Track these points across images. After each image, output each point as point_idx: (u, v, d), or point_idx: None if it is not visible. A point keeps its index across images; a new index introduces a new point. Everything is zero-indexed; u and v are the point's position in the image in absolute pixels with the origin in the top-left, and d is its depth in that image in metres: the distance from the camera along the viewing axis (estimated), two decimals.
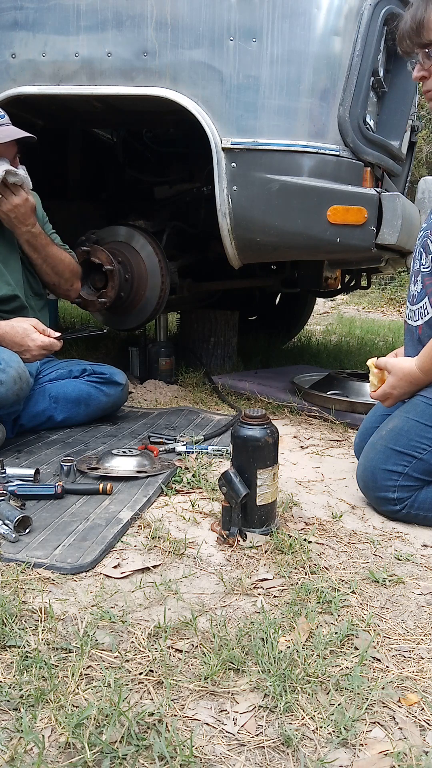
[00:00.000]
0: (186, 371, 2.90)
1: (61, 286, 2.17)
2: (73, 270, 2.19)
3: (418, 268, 1.58)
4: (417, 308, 1.58)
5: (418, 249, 1.58)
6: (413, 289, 1.62)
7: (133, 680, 0.89)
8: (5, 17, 2.20)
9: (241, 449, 1.31)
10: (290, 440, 2.05)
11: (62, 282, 2.16)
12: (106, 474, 1.61)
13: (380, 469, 1.48)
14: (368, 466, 1.52)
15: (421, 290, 1.56)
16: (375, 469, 1.49)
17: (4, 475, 1.53)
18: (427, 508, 1.46)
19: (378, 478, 1.49)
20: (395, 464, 1.46)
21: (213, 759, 0.77)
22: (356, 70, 2.00)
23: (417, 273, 1.58)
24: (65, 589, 1.11)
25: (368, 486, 1.52)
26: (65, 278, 2.15)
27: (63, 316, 4.86)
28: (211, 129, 2.08)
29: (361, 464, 1.55)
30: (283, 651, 0.95)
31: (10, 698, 0.84)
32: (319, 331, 5.29)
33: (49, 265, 2.09)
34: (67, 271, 2.15)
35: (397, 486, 1.47)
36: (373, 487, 1.50)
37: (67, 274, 2.16)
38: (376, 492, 1.50)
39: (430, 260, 1.53)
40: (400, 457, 1.46)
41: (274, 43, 1.98)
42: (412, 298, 1.61)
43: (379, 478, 1.48)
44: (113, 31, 2.10)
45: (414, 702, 0.88)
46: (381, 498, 1.49)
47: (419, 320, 1.57)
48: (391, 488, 1.47)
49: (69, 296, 2.26)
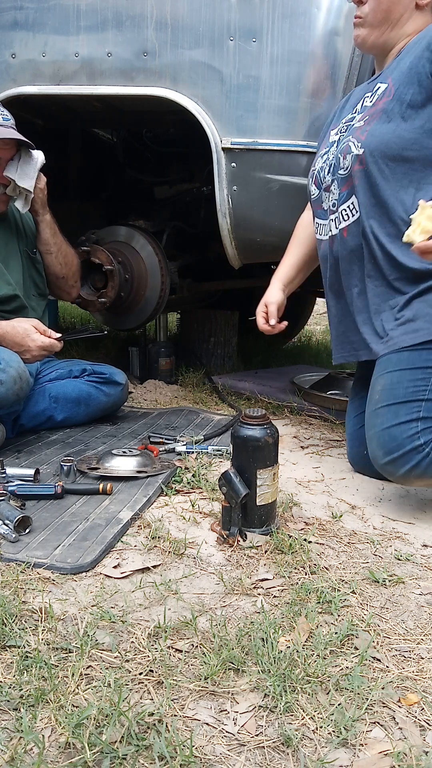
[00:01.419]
0: (186, 371, 2.90)
1: (68, 280, 2.19)
2: (77, 264, 2.22)
3: (330, 182, 1.65)
4: (339, 212, 1.61)
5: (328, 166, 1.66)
6: (327, 202, 1.67)
7: (133, 680, 0.89)
8: (5, 17, 2.20)
9: (241, 449, 1.31)
10: (290, 440, 2.05)
11: (69, 276, 2.18)
12: (106, 474, 1.61)
13: (394, 425, 1.44)
14: (380, 431, 1.47)
15: (343, 193, 1.60)
16: (389, 429, 1.45)
17: (4, 475, 1.53)
18: None
19: (396, 434, 1.44)
20: (406, 414, 1.43)
21: (213, 759, 0.77)
22: (356, 70, 2.00)
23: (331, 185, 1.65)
24: (65, 589, 1.11)
25: (389, 448, 1.46)
26: (72, 272, 2.19)
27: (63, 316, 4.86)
28: (211, 129, 2.08)
29: (372, 436, 1.51)
30: (283, 651, 0.95)
31: (10, 698, 0.84)
32: (319, 331, 5.29)
33: (62, 253, 2.14)
34: (74, 264, 2.20)
35: (419, 432, 1.42)
36: (396, 446, 1.45)
37: (74, 268, 2.21)
38: (400, 449, 1.44)
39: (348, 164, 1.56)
40: (406, 406, 1.43)
41: (274, 43, 1.98)
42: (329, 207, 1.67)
43: (398, 433, 1.44)
44: (113, 31, 2.10)
45: (414, 702, 0.88)
46: (409, 452, 1.43)
47: (343, 223, 1.60)
48: (414, 437, 1.42)
49: (70, 295, 2.27)
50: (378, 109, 1.53)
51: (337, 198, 1.63)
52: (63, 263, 2.15)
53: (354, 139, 1.55)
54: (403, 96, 1.48)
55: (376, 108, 1.54)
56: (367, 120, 1.55)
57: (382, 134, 1.50)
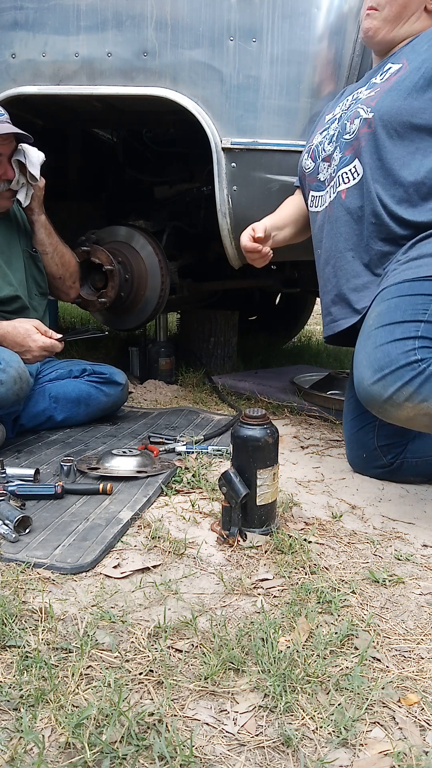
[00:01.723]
0: (186, 371, 2.90)
1: (65, 281, 2.19)
2: (75, 265, 2.23)
3: (331, 151, 1.66)
4: (339, 175, 1.62)
5: (329, 137, 1.68)
6: (325, 173, 1.68)
7: (133, 680, 0.89)
8: (5, 17, 2.20)
9: (241, 449, 1.31)
10: (290, 440, 2.05)
11: (66, 277, 2.19)
12: (106, 474, 1.61)
13: (388, 342, 1.34)
14: (371, 350, 1.37)
15: (345, 158, 1.60)
16: (382, 346, 1.35)
17: (4, 475, 1.53)
18: None
19: (390, 350, 1.34)
20: (403, 333, 1.34)
21: (213, 759, 0.77)
22: (356, 70, 2.00)
23: (332, 153, 1.65)
24: (65, 589, 1.11)
25: (381, 365, 1.35)
26: (70, 272, 2.20)
27: (63, 316, 4.86)
28: (211, 129, 2.08)
29: (361, 358, 1.41)
30: (283, 651, 0.95)
31: (10, 698, 0.84)
32: (319, 331, 5.29)
33: (58, 254, 2.15)
34: (71, 265, 2.21)
35: (416, 348, 1.33)
36: (388, 362, 1.34)
37: (72, 268, 2.21)
38: (392, 365, 1.33)
39: (356, 127, 1.57)
40: (404, 326, 1.35)
41: (274, 43, 1.98)
42: (326, 177, 1.68)
43: (391, 349, 1.33)
44: (113, 31, 2.10)
45: (414, 702, 0.88)
46: (402, 367, 1.32)
47: (342, 185, 1.60)
48: (410, 352, 1.32)
49: (69, 295, 2.27)
50: (391, 82, 1.56)
51: (338, 163, 1.63)
52: (59, 264, 2.15)
53: (363, 105, 1.57)
54: (418, 71, 1.52)
55: (389, 82, 1.56)
56: (377, 91, 1.58)
57: (393, 100, 1.52)
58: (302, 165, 1.83)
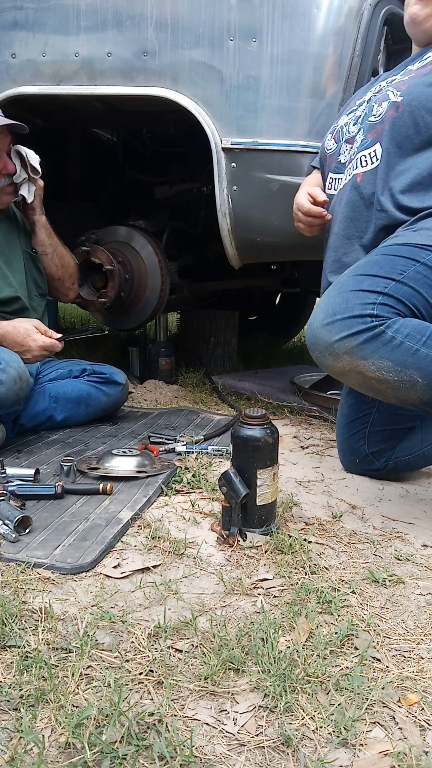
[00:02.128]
0: (186, 371, 2.90)
1: (64, 282, 2.19)
2: (74, 266, 2.23)
3: (355, 133, 1.60)
4: (358, 158, 1.57)
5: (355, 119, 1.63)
6: (346, 154, 1.62)
7: (133, 680, 0.89)
8: (5, 17, 2.20)
9: (241, 449, 1.31)
10: (290, 440, 2.05)
11: (66, 278, 2.19)
12: (106, 474, 1.61)
13: (352, 290, 1.27)
14: (336, 294, 1.30)
15: (367, 140, 1.55)
16: (347, 293, 1.28)
17: (4, 475, 1.53)
18: (416, 336, 1.24)
19: (350, 298, 1.26)
20: (371, 285, 1.26)
21: (213, 759, 0.77)
22: (356, 70, 2.00)
23: (355, 135, 1.60)
24: (65, 589, 1.11)
25: (335, 310, 1.27)
26: (69, 273, 2.20)
27: (63, 316, 4.86)
28: (211, 129, 2.08)
29: (322, 301, 1.34)
30: (283, 651, 0.95)
31: (10, 698, 0.84)
32: None
33: (58, 255, 2.14)
34: (70, 266, 2.21)
35: (376, 303, 1.25)
36: (343, 309, 1.26)
37: (71, 270, 2.21)
38: (346, 313, 1.25)
39: (383, 110, 1.54)
40: (374, 279, 1.27)
41: (274, 43, 1.98)
42: (347, 159, 1.62)
43: (352, 297, 1.26)
44: (113, 31, 2.10)
45: (414, 702, 0.88)
46: (355, 317, 1.24)
47: (359, 168, 1.55)
48: (368, 305, 1.24)
49: (68, 296, 2.27)
50: (426, 69, 1.52)
51: (359, 146, 1.58)
52: (59, 265, 2.15)
53: (393, 89, 1.54)
54: None
55: (425, 69, 1.53)
56: (411, 77, 1.54)
57: (425, 86, 1.49)
58: (324, 145, 1.75)
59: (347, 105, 1.83)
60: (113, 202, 3.31)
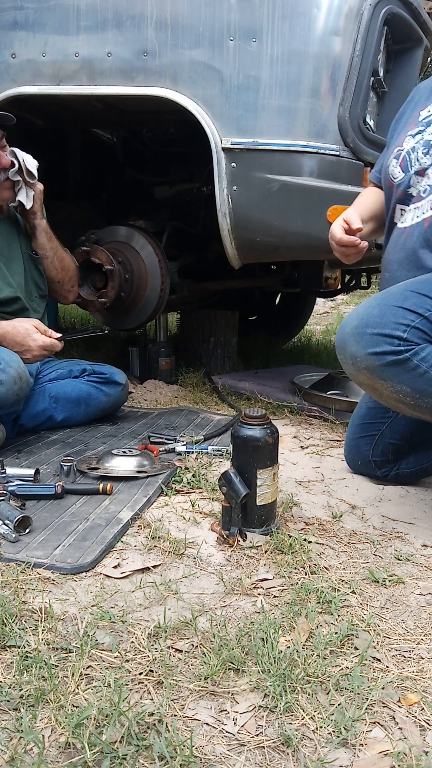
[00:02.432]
0: (186, 371, 2.90)
1: (64, 284, 2.19)
2: (74, 269, 2.22)
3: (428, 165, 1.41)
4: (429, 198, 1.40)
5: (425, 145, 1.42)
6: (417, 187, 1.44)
7: (133, 680, 0.89)
8: (5, 17, 2.20)
9: (241, 449, 1.31)
10: (290, 440, 2.05)
11: (66, 280, 2.18)
12: (106, 474, 1.61)
13: (393, 305, 1.23)
14: (375, 304, 1.26)
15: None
16: (385, 305, 1.24)
17: (4, 475, 1.53)
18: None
19: (387, 313, 1.23)
20: (414, 305, 1.22)
21: (213, 759, 0.77)
22: (356, 70, 2.00)
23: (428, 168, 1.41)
24: (65, 589, 1.11)
25: (369, 321, 1.24)
26: (69, 276, 2.20)
27: (63, 316, 4.86)
28: (211, 129, 2.08)
29: (361, 307, 1.29)
30: (283, 651, 0.95)
31: (10, 698, 0.84)
32: (319, 331, 5.29)
33: (58, 258, 2.14)
34: (70, 269, 2.20)
35: (411, 326, 1.21)
36: (377, 323, 1.23)
37: (71, 272, 2.21)
38: (378, 328, 1.22)
39: None
40: (421, 300, 1.23)
41: (274, 43, 1.98)
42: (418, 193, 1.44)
43: (390, 313, 1.22)
44: (113, 31, 2.10)
45: (414, 702, 0.88)
46: (384, 336, 1.21)
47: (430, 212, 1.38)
48: (402, 326, 1.21)
49: (67, 298, 2.27)
50: None
51: None
52: (59, 268, 2.14)
53: None
54: None
55: None
56: None
57: None
58: (389, 171, 1.53)
59: (405, 113, 1.61)
60: (113, 202, 3.31)
